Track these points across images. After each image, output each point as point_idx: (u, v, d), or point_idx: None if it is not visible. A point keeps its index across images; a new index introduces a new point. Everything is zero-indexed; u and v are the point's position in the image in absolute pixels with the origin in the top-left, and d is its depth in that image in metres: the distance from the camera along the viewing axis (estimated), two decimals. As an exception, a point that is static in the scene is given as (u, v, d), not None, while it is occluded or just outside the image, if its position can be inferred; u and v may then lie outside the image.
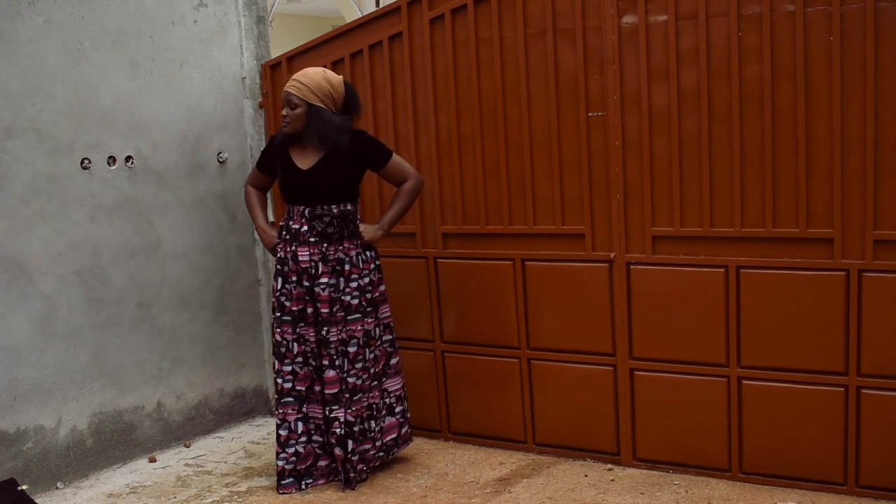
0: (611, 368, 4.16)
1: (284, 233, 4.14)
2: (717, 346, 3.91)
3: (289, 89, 4.05)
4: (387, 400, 4.27)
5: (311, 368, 4.14)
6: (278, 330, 4.14)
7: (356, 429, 4.13)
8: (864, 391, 3.66)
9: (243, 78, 4.99)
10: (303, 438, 4.15)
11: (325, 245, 4.07)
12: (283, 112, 4.08)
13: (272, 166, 4.27)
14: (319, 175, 4.07)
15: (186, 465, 4.53)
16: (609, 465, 4.21)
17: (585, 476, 4.12)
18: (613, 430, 4.20)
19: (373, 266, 4.18)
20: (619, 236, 4.04)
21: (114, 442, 4.51)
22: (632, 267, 4.04)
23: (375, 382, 4.21)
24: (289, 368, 4.12)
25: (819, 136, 3.61)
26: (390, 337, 4.28)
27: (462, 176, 4.40)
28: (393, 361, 4.29)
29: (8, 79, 4.02)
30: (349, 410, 4.10)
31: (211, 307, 4.89)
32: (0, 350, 4.05)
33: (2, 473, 4.06)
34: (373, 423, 4.20)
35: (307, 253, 4.07)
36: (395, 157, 4.20)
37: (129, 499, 4.14)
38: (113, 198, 4.40)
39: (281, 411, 4.14)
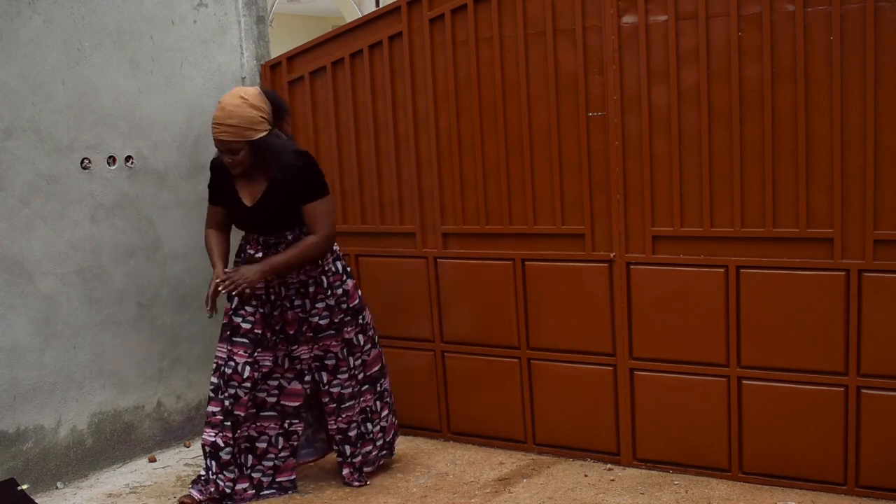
0: (611, 368, 4.16)
1: (242, 255, 4.01)
2: (717, 346, 3.91)
3: (221, 136, 3.74)
4: (387, 400, 4.25)
5: (252, 397, 3.96)
6: (228, 348, 3.93)
7: (351, 434, 4.12)
8: (864, 391, 3.66)
9: (243, 78, 4.99)
10: (231, 467, 3.97)
11: (298, 276, 3.94)
12: (227, 159, 3.81)
13: (224, 195, 4.00)
14: (266, 210, 3.88)
15: (186, 465, 4.52)
16: (609, 465, 4.21)
17: (585, 476, 4.12)
18: (613, 430, 4.20)
19: (342, 279, 4.02)
20: (619, 236, 4.04)
21: (114, 442, 4.51)
22: (632, 267, 4.04)
23: (367, 386, 4.16)
24: (232, 392, 3.90)
25: (819, 136, 3.61)
26: (373, 339, 4.17)
27: (462, 176, 4.40)
28: (383, 361, 4.25)
29: (8, 79, 4.02)
30: (340, 418, 4.08)
31: (211, 307, 4.89)
32: (0, 350, 4.05)
33: (2, 473, 4.06)
34: (370, 426, 4.18)
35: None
36: (322, 203, 3.88)
37: (128, 499, 4.14)
38: (113, 198, 4.40)
39: (211, 434, 3.94)
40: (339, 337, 4.02)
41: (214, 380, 3.97)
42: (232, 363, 3.91)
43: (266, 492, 4.07)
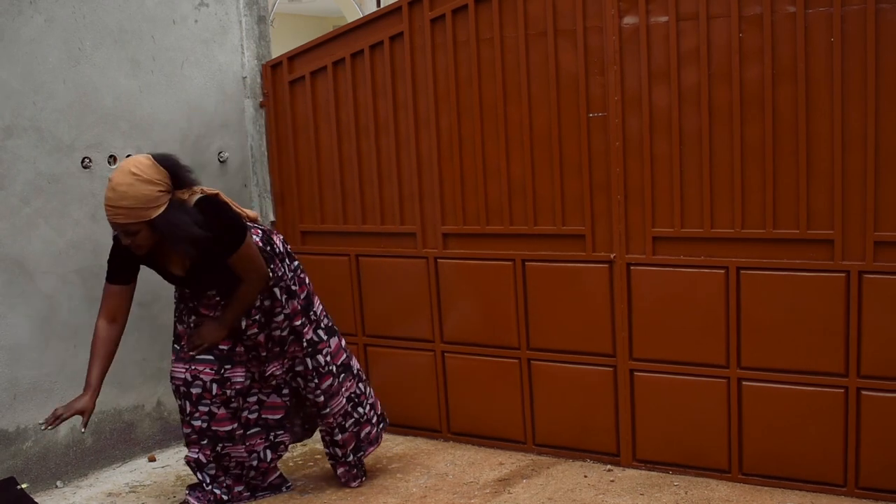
0: (611, 369, 4.16)
1: (187, 314, 3.86)
2: (717, 347, 3.91)
3: (115, 220, 3.44)
4: (364, 378, 4.14)
5: (229, 412, 3.87)
6: (190, 367, 3.80)
7: (348, 425, 4.05)
8: (864, 393, 3.66)
9: (244, 78, 4.99)
10: (221, 478, 3.95)
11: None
12: (126, 241, 3.51)
13: (130, 270, 3.70)
14: (202, 275, 3.70)
15: (186, 464, 4.52)
16: (609, 466, 4.21)
17: (585, 477, 4.12)
18: (613, 431, 4.20)
19: (286, 285, 3.87)
20: (620, 237, 4.04)
21: (113, 441, 4.51)
22: (632, 268, 4.04)
23: (343, 374, 4.03)
24: (206, 409, 3.82)
25: (820, 138, 3.61)
26: (329, 328, 4.03)
27: (463, 176, 4.40)
28: (344, 344, 4.11)
29: (9, 78, 4.02)
30: (329, 418, 4.00)
31: (211, 307, 4.89)
32: (0, 349, 4.05)
33: (1, 472, 4.06)
34: (361, 409, 4.09)
35: (211, 314, 3.80)
36: (244, 250, 3.62)
37: (128, 498, 4.14)
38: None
39: (194, 451, 3.88)
40: (299, 341, 3.91)
41: (178, 402, 3.87)
42: (199, 382, 3.80)
43: (261, 493, 4.07)
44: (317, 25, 17.15)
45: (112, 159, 4.40)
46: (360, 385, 4.14)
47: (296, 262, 3.97)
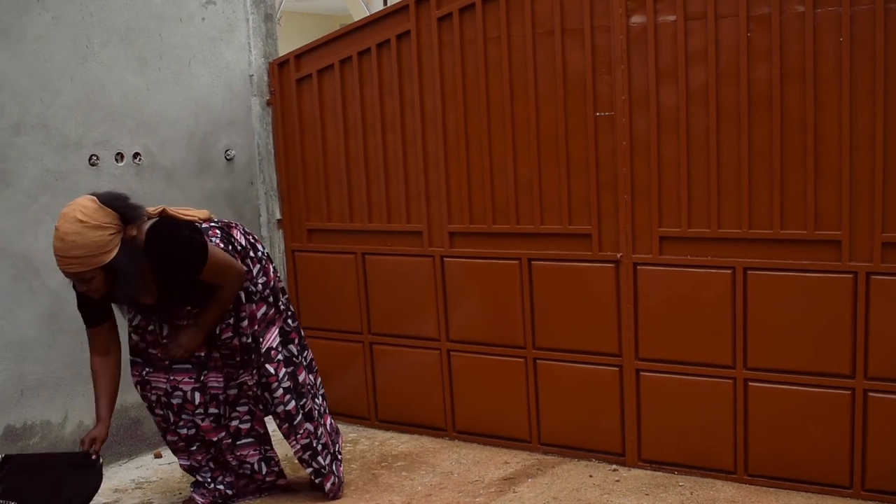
0: (617, 369, 4.15)
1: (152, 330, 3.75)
2: (723, 348, 3.90)
3: (69, 268, 3.29)
4: (315, 368, 4.05)
5: (210, 419, 3.81)
6: (170, 377, 3.74)
7: (322, 434, 3.95)
8: (870, 394, 3.65)
9: (251, 76, 5.00)
10: (220, 477, 3.96)
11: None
12: (81, 289, 3.40)
13: (103, 310, 3.61)
14: (171, 301, 3.61)
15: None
16: (614, 466, 4.21)
17: (590, 476, 4.12)
18: (619, 431, 4.20)
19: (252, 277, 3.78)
20: (626, 237, 4.03)
21: (119, 437, 4.51)
22: (638, 267, 4.03)
23: (284, 370, 3.84)
24: (189, 418, 3.80)
25: (828, 138, 3.60)
26: (291, 312, 3.94)
27: (469, 175, 4.39)
28: (302, 334, 4.01)
29: (16, 75, 4.03)
30: (297, 437, 3.88)
31: (217, 304, 4.89)
32: (8, 345, 4.06)
33: (8, 468, 4.07)
34: (318, 400, 4.00)
35: (183, 322, 3.70)
36: (211, 261, 3.49)
37: (134, 494, 4.15)
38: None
39: (187, 457, 3.89)
40: (258, 350, 3.79)
41: (160, 412, 3.80)
42: (179, 392, 3.76)
43: (266, 490, 4.07)
44: (323, 23, 17.17)
45: (119, 157, 4.41)
46: (313, 371, 4.02)
47: (261, 251, 3.85)
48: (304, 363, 3.97)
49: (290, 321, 3.93)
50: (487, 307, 4.45)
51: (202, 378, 3.78)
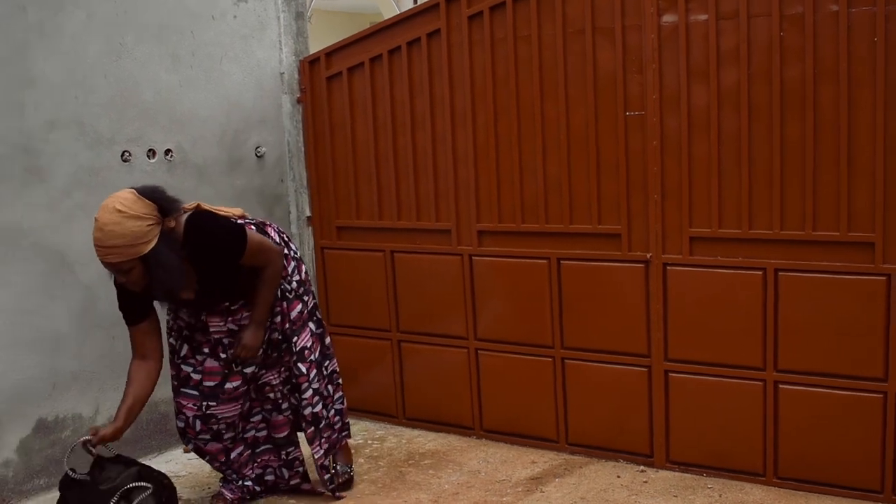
0: (645, 370, 4.14)
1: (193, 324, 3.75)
2: (753, 350, 3.87)
3: (108, 259, 3.31)
4: (337, 381, 4.05)
5: (226, 441, 3.83)
6: (177, 400, 3.78)
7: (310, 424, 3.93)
8: (903, 397, 3.62)
9: (282, 73, 5.02)
10: (247, 473, 3.96)
11: (231, 317, 3.71)
12: (120, 280, 3.42)
13: (141, 310, 3.58)
14: (212, 294, 3.63)
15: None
16: (642, 467, 4.19)
17: (618, 477, 4.10)
18: (647, 432, 4.18)
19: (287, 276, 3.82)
20: (656, 237, 4.02)
21: (150, 431, 4.55)
22: (668, 268, 4.01)
23: (315, 371, 3.89)
24: (192, 447, 3.84)
25: (861, 139, 3.56)
26: (317, 318, 3.97)
27: (499, 173, 4.39)
28: (327, 342, 4.02)
29: (52, 72, 4.07)
30: (321, 441, 3.91)
31: (247, 301, 4.92)
32: (41, 339, 4.11)
33: (40, 461, 4.12)
34: (324, 411, 3.96)
35: (220, 323, 3.71)
36: (251, 244, 3.56)
37: (163, 489, 4.19)
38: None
39: (211, 462, 3.91)
40: (290, 347, 3.82)
41: (179, 424, 3.84)
42: (182, 416, 3.77)
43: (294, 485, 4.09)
44: (354, 22, 17.20)
45: (151, 153, 4.45)
46: (331, 388, 4.01)
47: (294, 250, 3.90)
48: (326, 373, 4.00)
49: (312, 325, 3.93)
50: (516, 306, 4.45)
51: (204, 408, 3.75)
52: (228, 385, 3.74)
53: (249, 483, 3.96)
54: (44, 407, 4.14)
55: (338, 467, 4.06)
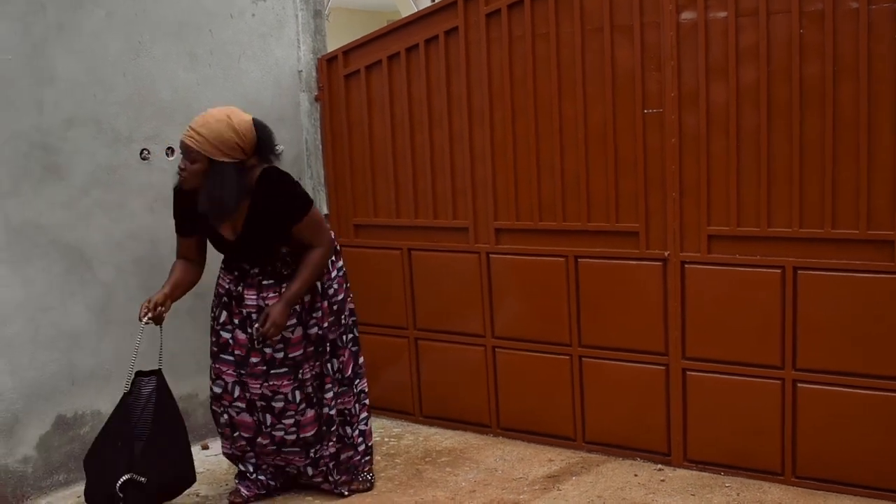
0: (663, 368, 4.12)
1: (227, 271, 3.83)
2: (772, 348, 3.85)
3: (186, 140, 3.52)
4: (364, 402, 4.07)
5: (255, 419, 3.84)
6: (216, 366, 3.84)
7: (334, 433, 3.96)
8: (923, 397, 3.59)
9: (300, 71, 5.03)
10: (265, 466, 3.97)
11: (278, 288, 3.72)
12: (181, 164, 3.58)
13: (190, 225, 3.76)
14: (252, 241, 3.69)
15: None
16: (659, 466, 4.18)
17: (635, 475, 4.09)
18: (664, 430, 4.16)
19: (331, 276, 3.85)
20: (674, 235, 4.00)
21: (168, 429, 4.57)
22: (686, 266, 4.00)
23: (345, 388, 3.95)
24: (222, 411, 3.87)
25: (881, 136, 3.53)
26: (354, 339, 4.01)
27: (516, 171, 4.38)
28: (360, 360, 4.06)
29: (70, 70, 4.10)
30: (331, 441, 3.92)
31: (264, 298, 4.93)
32: (60, 335, 4.13)
33: (59, 457, 4.15)
34: (348, 430, 3.98)
35: (255, 296, 3.75)
36: (312, 216, 3.68)
37: (181, 485, 4.20)
38: (170, 188, 4.44)
39: (230, 446, 3.92)
40: (323, 343, 3.85)
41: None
42: (221, 382, 3.83)
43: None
44: (371, 20, 17.20)
45: (169, 151, 4.46)
46: (357, 407, 4.02)
47: (341, 262, 3.96)
48: (355, 391, 4.01)
49: (344, 336, 3.94)
50: (533, 304, 4.44)
51: (241, 377, 3.81)
52: (252, 360, 3.78)
53: (263, 478, 3.97)
54: (63, 403, 4.17)
55: (362, 476, 4.08)
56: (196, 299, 4.59)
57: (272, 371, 3.79)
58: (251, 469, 3.97)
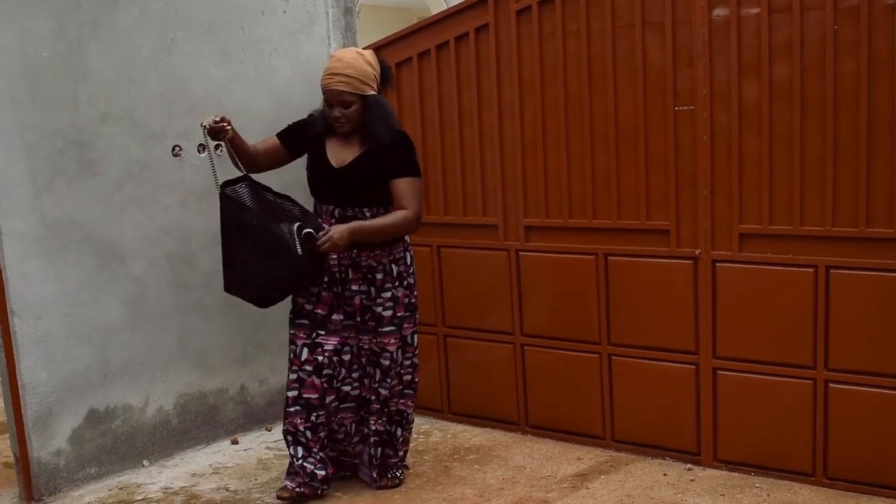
0: (693, 367, 4.10)
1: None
2: (803, 348, 3.82)
3: (337, 86, 3.67)
4: (412, 415, 4.12)
5: (322, 380, 3.88)
6: (291, 332, 3.93)
7: (389, 432, 4.04)
8: (958, 398, 3.55)
9: (330, 68, 5.04)
10: (315, 449, 3.93)
11: (356, 251, 3.79)
12: (336, 113, 3.72)
13: (296, 146, 3.94)
14: (355, 175, 3.77)
15: (268, 448, 4.61)
16: (689, 465, 4.15)
17: (664, 475, 4.07)
18: (694, 430, 4.14)
19: (409, 272, 3.94)
20: (705, 233, 3.98)
21: (198, 423, 4.61)
22: (717, 264, 3.97)
23: (409, 391, 4.04)
24: (294, 377, 3.89)
25: (917, 134, 3.49)
26: (416, 342, 4.07)
27: (546, 169, 4.38)
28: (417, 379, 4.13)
29: (104, 67, 4.14)
30: (381, 420, 3.97)
31: (294, 294, 4.95)
32: (93, 330, 4.18)
33: (91, 450, 4.20)
34: (399, 430, 4.06)
35: (335, 257, 3.80)
36: (416, 181, 3.80)
37: (211, 479, 4.24)
38: (202, 185, 4.49)
39: (288, 421, 3.92)
40: (397, 334, 3.92)
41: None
42: (293, 346, 3.91)
43: (342, 472, 4.12)
44: (401, 17, 17.23)
45: (201, 148, 4.49)
46: (411, 416, 4.10)
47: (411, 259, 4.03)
48: (401, 385, 4.03)
49: (415, 336, 4.01)
50: (562, 302, 4.43)
51: (314, 337, 3.86)
52: (335, 317, 3.86)
53: (309, 466, 3.91)
54: (95, 397, 4.21)
55: (391, 473, 4.09)
56: (227, 294, 4.62)
57: (380, 329, 3.88)
58: (300, 454, 3.93)
